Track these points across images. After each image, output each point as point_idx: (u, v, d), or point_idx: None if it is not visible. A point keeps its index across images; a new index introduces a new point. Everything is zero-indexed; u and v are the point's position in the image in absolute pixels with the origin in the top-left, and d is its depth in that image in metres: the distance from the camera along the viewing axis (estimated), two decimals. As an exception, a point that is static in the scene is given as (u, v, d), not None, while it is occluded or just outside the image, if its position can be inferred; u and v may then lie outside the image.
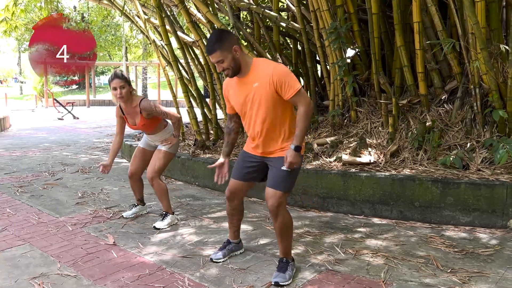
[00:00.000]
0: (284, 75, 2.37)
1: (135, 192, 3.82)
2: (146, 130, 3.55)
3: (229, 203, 2.79)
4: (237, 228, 2.90)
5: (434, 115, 4.44)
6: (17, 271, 2.68)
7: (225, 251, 2.85)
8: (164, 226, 3.48)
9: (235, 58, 2.39)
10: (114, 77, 3.30)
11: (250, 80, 2.45)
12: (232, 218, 2.86)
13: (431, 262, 2.73)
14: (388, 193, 3.66)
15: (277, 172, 2.47)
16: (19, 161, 6.52)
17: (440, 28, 4.37)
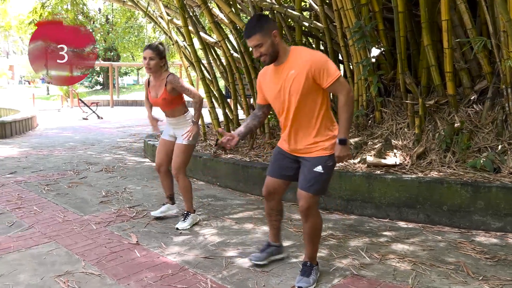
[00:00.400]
0: (322, 62, 2.28)
1: (165, 188, 3.78)
2: (165, 107, 3.46)
3: (267, 203, 2.69)
4: (277, 230, 2.78)
5: (462, 116, 4.30)
6: (43, 268, 2.72)
7: (265, 254, 2.73)
8: (186, 227, 3.47)
9: (273, 44, 2.31)
10: (146, 47, 3.32)
11: (286, 68, 2.36)
12: (270, 217, 2.74)
13: (461, 269, 2.63)
14: (415, 196, 3.55)
15: (309, 173, 2.39)
16: (45, 159, 6.67)
17: (470, 26, 4.23)
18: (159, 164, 3.68)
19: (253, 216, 3.84)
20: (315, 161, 2.39)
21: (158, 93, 3.43)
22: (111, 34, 20.18)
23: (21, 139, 9.33)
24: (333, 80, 2.29)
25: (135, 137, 9.67)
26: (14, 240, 3.20)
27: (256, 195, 4.56)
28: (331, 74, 2.28)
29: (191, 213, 3.57)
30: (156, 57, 3.30)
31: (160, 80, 3.40)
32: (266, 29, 2.29)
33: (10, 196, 4.46)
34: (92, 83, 36.40)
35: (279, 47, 2.34)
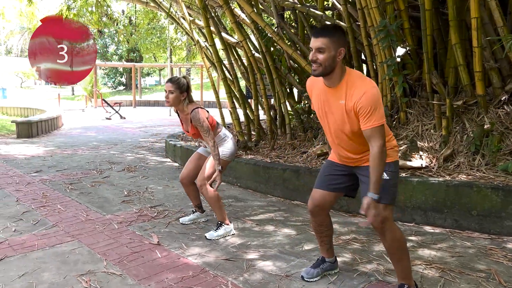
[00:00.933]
0: (372, 103, 2.06)
1: (191, 198, 3.68)
2: (197, 138, 3.44)
3: (313, 218, 2.47)
4: (329, 245, 2.55)
5: (492, 117, 4.13)
6: (66, 267, 2.74)
7: (319, 270, 2.54)
8: (216, 237, 3.26)
9: (334, 59, 2.11)
10: (167, 81, 3.29)
11: (337, 95, 2.17)
12: (320, 235, 2.52)
13: (493, 277, 2.52)
14: (442, 200, 3.43)
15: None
16: (70, 158, 6.79)
17: (501, 24, 4.06)
18: (184, 176, 3.56)
19: (274, 218, 3.79)
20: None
21: (187, 127, 3.38)
22: (134, 35, 20.47)
23: (47, 138, 9.54)
24: (370, 126, 2.07)
25: (156, 137, 9.76)
26: (39, 238, 3.24)
27: (277, 196, 4.51)
28: (372, 119, 2.06)
29: (224, 223, 3.35)
30: (176, 90, 3.22)
31: (185, 114, 3.33)
32: (338, 40, 2.11)
33: (35, 194, 4.55)
34: (115, 83, 37.10)
35: (337, 66, 2.14)
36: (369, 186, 2.07)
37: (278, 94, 5.96)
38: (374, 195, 2.05)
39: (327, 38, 2.09)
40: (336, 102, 2.19)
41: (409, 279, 2.26)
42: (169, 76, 17.53)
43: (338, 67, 2.15)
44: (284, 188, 4.47)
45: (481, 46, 4.12)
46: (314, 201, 2.41)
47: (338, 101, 2.17)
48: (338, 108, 2.18)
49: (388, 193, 2.16)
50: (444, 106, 4.29)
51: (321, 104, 2.28)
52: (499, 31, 4.11)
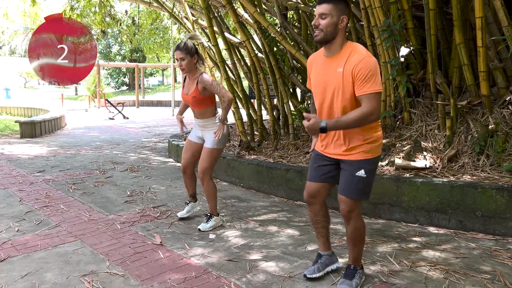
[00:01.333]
0: (368, 70, 2.10)
1: (188, 187, 3.75)
2: (195, 106, 3.42)
3: (310, 207, 2.55)
4: (325, 238, 2.61)
5: (497, 117, 4.10)
6: (68, 267, 2.74)
7: (318, 265, 2.56)
8: (208, 229, 3.44)
9: (336, 25, 2.16)
10: (175, 49, 3.31)
11: (336, 63, 2.22)
12: (316, 225, 2.59)
13: (498, 279, 2.50)
14: (446, 201, 3.41)
15: (351, 178, 2.27)
16: (73, 158, 6.80)
17: (506, 23, 4.03)
18: (186, 165, 3.63)
19: (277, 218, 3.78)
20: (357, 165, 2.26)
21: (189, 90, 3.41)
22: (137, 35, 20.51)
23: (50, 138, 9.56)
24: (365, 92, 2.11)
25: (159, 137, 9.76)
26: (42, 238, 3.24)
27: (280, 196, 4.50)
28: (367, 84, 2.11)
29: (214, 215, 3.54)
30: (187, 55, 3.27)
31: (193, 78, 3.38)
32: (340, 8, 2.16)
33: (38, 194, 4.55)
34: (118, 83, 37.17)
35: (339, 33, 2.18)
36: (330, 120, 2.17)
37: (281, 94, 5.95)
38: (325, 124, 2.14)
39: (330, 4, 2.16)
40: (334, 72, 2.22)
41: (358, 262, 2.46)
42: (172, 76, 17.54)
43: (340, 36, 2.20)
44: (287, 188, 4.45)
45: (485, 46, 4.09)
46: (309, 192, 2.50)
47: (336, 70, 2.21)
48: (336, 77, 2.21)
49: (361, 189, 2.28)
50: (448, 106, 4.27)
51: (320, 78, 2.32)
52: (504, 30, 4.09)
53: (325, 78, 2.27)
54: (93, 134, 10.53)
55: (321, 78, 2.31)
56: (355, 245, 2.41)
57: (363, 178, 2.25)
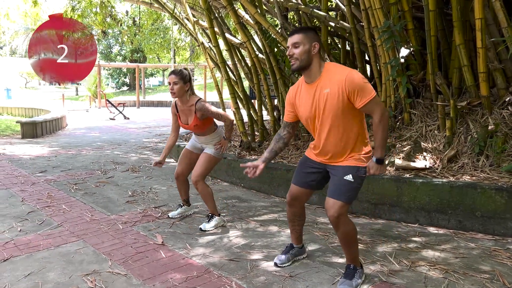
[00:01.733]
0: (357, 82, 2.23)
1: (181, 193, 3.83)
2: (197, 131, 3.54)
3: (289, 208, 2.71)
4: (299, 233, 2.83)
5: (497, 118, 4.13)
6: (71, 267, 2.76)
7: (289, 255, 2.77)
8: (210, 228, 3.47)
9: (309, 52, 2.30)
10: (170, 73, 3.40)
11: (320, 86, 2.33)
12: (293, 223, 2.77)
13: (497, 278, 2.52)
14: (446, 201, 3.43)
15: (339, 181, 2.36)
16: (74, 159, 6.82)
17: (505, 24, 4.05)
18: (180, 173, 3.71)
19: (278, 218, 3.80)
20: (346, 170, 2.36)
21: (188, 119, 3.47)
22: (137, 36, 20.53)
23: (51, 138, 9.59)
24: (367, 100, 2.24)
25: (160, 137, 9.79)
26: (44, 238, 3.27)
27: (281, 197, 4.52)
28: (366, 94, 2.23)
29: (215, 215, 3.57)
30: (180, 81, 3.34)
31: (188, 106, 3.43)
32: (310, 36, 2.31)
33: (40, 194, 4.58)
34: (118, 84, 37.21)
35: (313, 59, 2.32)
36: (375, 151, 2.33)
37: (282, 94, 5.97)
38: (376, 158, 2.31)
39: (301, 34, 2.31)
40: (320, 94, 2.33)
41: (356, 261, 2.50)
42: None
43: (315, 61, 2.33)
44: (287, 188, 4.44)
45: (485, 47, 4.12)
46: (292, 195, 2.64)
47: (322, 92, 2.31)
48: (323, 99, 2.31)
49: (349, 193, 2.34)
50: (448, 107, 4.29)
51: (308, 104, 2.40)
52: (504, 32, 4.11)
53: (313, 103, 2.37)
54: (94, 134, 10.56)
55: (309, 105, 2.40)
56: (349, 247, 2.45)
57: (351, 183, 2.34)
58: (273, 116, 6.12)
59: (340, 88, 2.25)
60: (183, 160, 3.71)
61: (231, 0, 5.79)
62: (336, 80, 2.26)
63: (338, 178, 2.37)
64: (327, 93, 2.29)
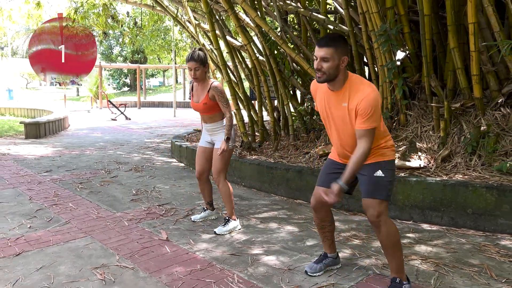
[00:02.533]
0: (370, 107, 2.20)
1: (204, 195, 3.81)
2: (205, 112, 3.53)
3: (316, 214, 2.61)
4: (331, 240, 2.70)
5: (489, 119, 4.27)
6: (80, 261, 2.90)
7: (321, 265, 2.67)
8: (225, 232, 3.43)
9: (338, 68, 2.26)
10: (189, 59, 3.39)
11: (340, 98, 2.32)
12: (323, 230, 2.66)
13: (485, 271, 2.66)
14: (439, 199, 3.57)
15: (369, 180, 2.33)
16: (78, 159, 6.97)
17: (497, 29, 4.19)
18: (200, 171, 3.69)
19: (278, 216, 3.94)
20: (373, 167, 2.33)
21: (200, 98, 3.52)
22: (138, 37, 20.68)
23: (54, 139, 9.74)
24: (364, 127, 2.23)
25: (162, 138, 9.93)
26: (53, 234, 3.41)
27: (280, 195, 4.66)
28: (367, 122, 2.22)
29: (231, 219, 3.54)
30: (200, 66, 3.39)
31: (204, 85, 3.49)
32: (341, 50, 2.26)
33: (47, 193, 4.72)
34: (119, 84, 37.37)
35: (340, 73, 2.29)
36: (342, 175, 2.26)
37: (282, 96, 6.11)
38: (343, 184, 2.23)
39: (331, 48, 2.23)
40: (339, 105, 2.33)
41: (402, 273, 2.37)
42: (174, 77, 17.68)
43: (341, 74, 2.29)
44: (287, 187, 4.61)
45: (478, 50, 4.26)
46: (317, 198, 2.53)
47: (341, 104, 2.31)
48: (341, 110, 2.32)
49: (383, 189, 2.31)
50: (442, 108, 4.43)
51: (324, 107, 2.43)
52: (496, 36, 4.25)
53: (331, 110, 2.39)
54: (96, 134, 10.70)
55: (327, 110, 2.41)
56: (393, 253, 2.34)
57: (382, 178, 2.31)
58: (273, 117, 6.26)
59: (354, 107, 2.25)
60: (200, 158, 3.69)
61: (232, 4, 5.93)
62: (356, 98, 2.25)
63: (367, 177, 2.33)
64: (344, 107, 2.30)
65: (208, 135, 3.66)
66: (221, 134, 3.53)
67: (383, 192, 2.30)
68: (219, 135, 3.55)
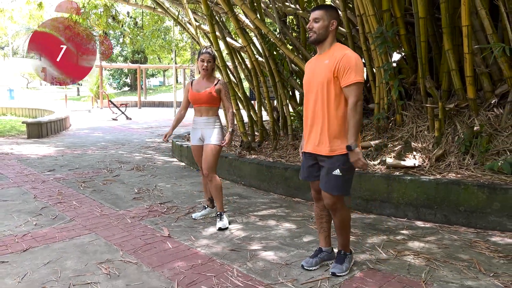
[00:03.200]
0: (350, 62, 2.43)
1: (206, 190, 3.99)
2: (206, 102, 3.69)
3: (317, 203, 2.80)
4: (328, 233, 2.83)
5: (482, 119, 4.38)
6: (86, 256, 3.01)
7: (317, 259, 2.79)
8: (226, 225, 3.61)
9: (327, 28, 2.51)
10: (204, 52, 3.73)
11: (324, 57, 2.55)
12: (321, 220, 2.81)
13: (474, 266, 2.77)
14: (432, 197, 3.68)
15: (327, 176, 2.54)
16: (80, 158, 7.08)
17: (491, 31, 4.31)
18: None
19: (276, 213, 4.06)
20: (333, 164, 2.52)
21: (204, 88, 3.71)
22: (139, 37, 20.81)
23: (56, 138, 9.85)
24: (350, 82, 2.43)
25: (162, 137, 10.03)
26: (58, 231, 3.52)
27: (279, 194, 4.77)
28: (352, 76, 2.42)
29: (223, 212, 3.73)
30: (212, 60, 3.73)
31: (209, 80, 3.76)
32: (331, 13, 2.53)
33: (51, 191, 4.83)
34: (120, 84, 37.47)
35: (330, 35, 2.53)
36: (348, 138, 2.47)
37: (281, 96, 6.22)
38: (351, 145, 2.44)
39: (322, 10, 2.54)
40: (321, 64, 2.55)
41: (347, 248, 2.75)
42: (174, 76, 17.80)
43: (330, 37, 2.56)
44: (286, 186, 4.72)
45: (472, 52, 4.37)
46: (315, 188, 2.75)
47: (323, 62, 2.54)
48: (322, 68, 2.53)
49: (340, 187, 2.55)
50: (437, 109, 4.53)
51: (311, 72, 2.62)
52: (489, 38, 4.36)
53: (314, 71, 2.61)
54: (97, 134, 10.82)
55: (311, 72, 2.63)
56: (342, 233, 2.70)
57: (339, 177, 2.52)
58: (272, 117, 6.37)
59: (336, 62, 2.45)
60: (198, 156, 3.85)
61: (232, 6, 6.04)
62: (336, 55, 2.48)
63: (325, 171, 2.55)
64: (326, 64, 2.51)
65: (199, 129, 3.77)
66: (211, 131, 3.71)
67: (339, 189, 2.55)
68: (209, 131, 3.71)
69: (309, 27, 2.54)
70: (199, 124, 3.77)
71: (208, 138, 3.71)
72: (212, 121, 3.73)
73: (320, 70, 2.54)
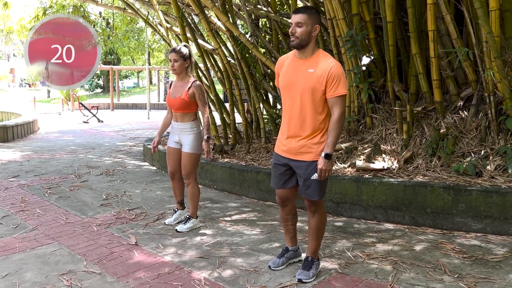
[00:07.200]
0: (340, 74, 2.45)
1: (176, 193, 3.90)
2: (179, 109, 3.58)
3: (282, 208, 2.83)
4: (293, 234, 2.89)
5: (449, 122, 4.48)
6: (47, 267, 2.89)
7: (284, 259, 2.85)
8: (186, 230, 3.62)
9: (310, 34, 2.46)
10: (171, 51, 3.57)
11: (308, 64, 2.51)
12: (286, 223, 2.85)
13: (440, 268, 2.81)
14: (401, 199, 3.73)
15: (306, 181, 2.57)
16: (47, 163, 6.85)
17: (455, 36, 4.41)
18: (173, 172, 3.78)
19: (247, 218, 4.02)
20: (309, 169, 2.53)
21: (178, 93, 3.58)
22: (111, 38, 20.41)
23: (23, 142, 9.51)
24: (338, 94, 2.45)
25: (134, 141, 9.85)
26: (19, 241, 3.37)
27: (251, 197, 4.74)
28: (340, 88, 2.44)
29: (193, 218, 3.71)
30: (180, 59, 3.52)
31: (184, 82, 3.59)
32: (314, 18, 2.47)
33: (13, 199, 4.64)
34: (92, 86, 36.66)
35: (311, 41, 2.50)
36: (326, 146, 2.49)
37: (253, 99, 6.20)
38: (325, 153, 2.46)
39: (305, 15, 2.46)
40: (305, 71, 2.51)
41: (316, 254, 2.75)
42: (148, 78, 17.54)
43: (312, 42, 2.52)
44: (258, 190, 4.70)
45: (438, 56, 4.46)
46: (280, 197, 2.79)
47: (307, 70, 2.50)
48: (307, 77, 2.50)
49: (318, 191, 2.58)
50: (405, 111, 4.61)
51: (291, 74, 2.58)
52: (454, 43, 4.47)
53: (295, 78, 2.55)
54: (67, 138, 10.51)
55: (291, 78, 2.57)
56: (316, 237, 2.69)
57: (317, 181, 2.54)
58: (245, 120, 6.34)
59: (323, 73, 2.44)
60: (171, 158, 3.75)
61: (203, 8, 5.98)
62: (324, 65, 2.46)
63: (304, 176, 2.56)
64: (311, 73, 2.48)
65: (176, 134, 3.71)
66: (187, 137, 3.61)
67: (318, 193, 2.58)
68: (186, 137, 3.62)
69: (291, 31, 2.48)
70: (176, 129, 3.70)
71: (186, 145, 3.63)
72: (188, 127, 3.63)
73: (304, 77, 2.50)
